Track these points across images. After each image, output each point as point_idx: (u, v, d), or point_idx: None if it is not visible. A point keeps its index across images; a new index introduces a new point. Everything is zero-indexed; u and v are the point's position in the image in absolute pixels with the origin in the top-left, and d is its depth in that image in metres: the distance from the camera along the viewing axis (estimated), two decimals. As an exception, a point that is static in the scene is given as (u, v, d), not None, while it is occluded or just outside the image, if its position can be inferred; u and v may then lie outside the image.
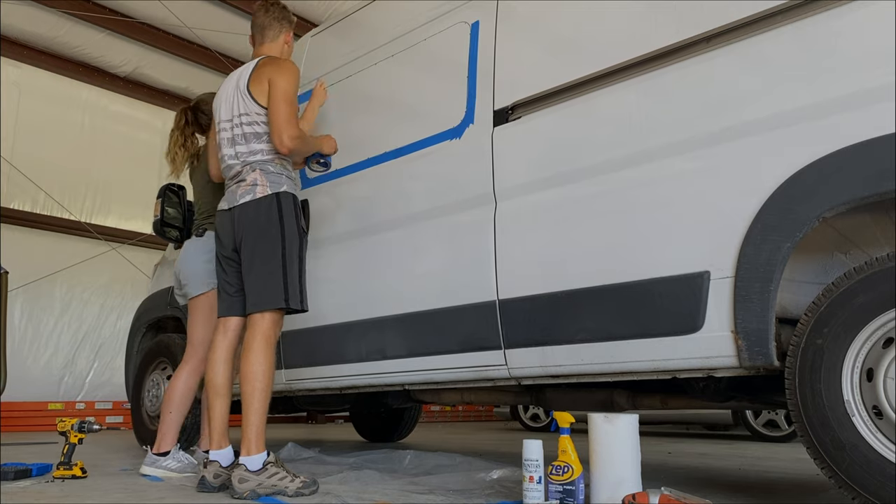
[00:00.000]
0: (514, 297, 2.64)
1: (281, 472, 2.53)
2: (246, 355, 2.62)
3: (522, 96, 2.74)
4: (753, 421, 6.15)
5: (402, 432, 5.66)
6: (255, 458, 2.53)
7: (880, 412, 1.79)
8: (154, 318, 4.78)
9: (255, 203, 2.70)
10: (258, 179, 2.73)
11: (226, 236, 2.80)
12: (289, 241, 2.70)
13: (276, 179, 2.75)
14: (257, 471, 2.50)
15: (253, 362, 2.60)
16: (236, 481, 2.48)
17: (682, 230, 2.21)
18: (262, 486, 2.48)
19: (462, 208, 2.87)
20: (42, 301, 7.74)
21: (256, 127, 2.78)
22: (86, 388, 8.01)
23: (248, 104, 2.79)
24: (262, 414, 2.60)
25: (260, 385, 2.59)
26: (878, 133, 1.83)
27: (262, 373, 2.60)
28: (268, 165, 2.76)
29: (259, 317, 2.66)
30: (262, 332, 2.65)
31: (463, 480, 2.86)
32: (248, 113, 2.79)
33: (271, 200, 2.70)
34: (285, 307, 2.67)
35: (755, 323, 2.01)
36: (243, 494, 2.46)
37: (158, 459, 3.18)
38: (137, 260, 8.01)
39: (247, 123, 2.79)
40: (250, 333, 2.66)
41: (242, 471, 2.50)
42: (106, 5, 7.25)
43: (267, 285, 2.65)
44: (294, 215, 2.74)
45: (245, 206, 2.71)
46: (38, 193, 7.76)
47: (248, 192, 2.73)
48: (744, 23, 2.15)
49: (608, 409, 2.83)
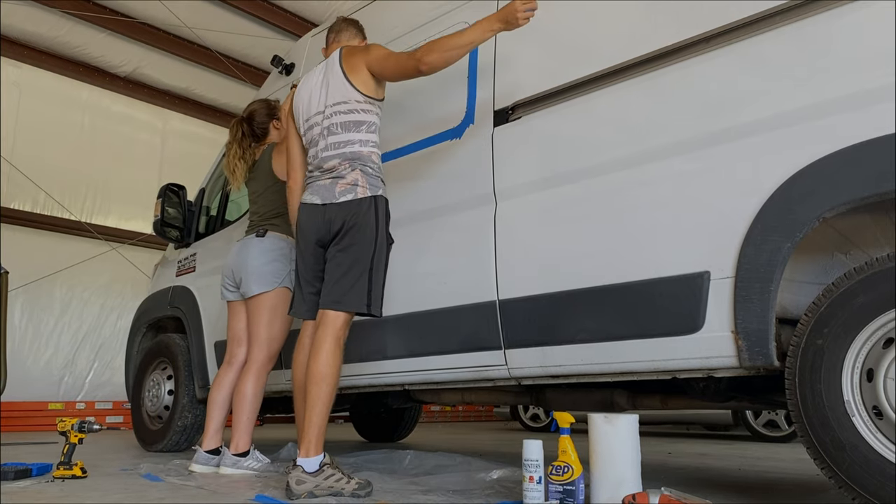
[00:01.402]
0: (514, 297, 2.64)
1: (337, 474, 2.50)
2: (317, 355, 2.55)
3: (522, 96, 2.74)
4: (753, 421, 6.15)
5: (402, 432, 5.66)
6: (313, 460, 2.50)
7: (880, 412, 1.79)
8: (154, 318, 4.79)
9: (357, 203, 2.64)
10: (359, 180, 2.66)
11: (313, 230, 2.71)
12: (379, 246, 2.65)
13: (374, 182, 2.69)
14: (314, 472, 2.48)
15: (324, 363, 2.54)
16: (294, 483, 2.44)
17: (682, 230, 2.21)
18: (320, 488, 2.46)
19: (462, 208, 2.87)
20: (42, 301, 7.74)
21: (356, 115, 2.71)
22: (86, 387, 8.01)
23: (348, 91, 2.70)
24: (325, 416, 2.54)
25: (328, 388, 2.53)
26: (877, 133, 1.83)
27: (331, 374, 2.54)
28: (367, 166, 2.69)
29: (335, 316, 2.60)
30: (336, 332, 2.59)
31: (463, 480, 2.86)
32: (346, 101, 2.71)
33: (371, 203, 2.65)
34: (366, 312, 2.62)
35: (755, 323, 2.01)
36: (301, 496, 2.43)
37: (239, 460, 3.24)
38: (137, 260, 8.01)
39: (344, 112, 2.71)
40: (323, 332, 2.59)
41: (300, 472, 2.46)
42: (106, 5, 7.25)
43: (353, 287, 2.60)
44: (386, 221, 2.71)
45: (344, 204, 2.64)
46: (38, 193, 7.76)
47: (348, 191, 2.65)
48: (743, 23, 2.15)
49: (608, 409, 2.83)
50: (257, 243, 3.40)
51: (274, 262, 3.33)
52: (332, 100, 2.74)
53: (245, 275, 3.36)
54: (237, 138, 3.58)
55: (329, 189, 2.69)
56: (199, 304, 4.26)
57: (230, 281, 3.48)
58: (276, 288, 3.31)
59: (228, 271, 3.48)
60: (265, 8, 7.39)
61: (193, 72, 8.45)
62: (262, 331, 3.32)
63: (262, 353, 3.32)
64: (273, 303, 3.30)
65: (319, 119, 2.77)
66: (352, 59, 2.74)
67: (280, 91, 4.19)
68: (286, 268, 3.35)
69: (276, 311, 3.31)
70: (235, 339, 3.49)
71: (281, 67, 4.24)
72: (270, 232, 3.40)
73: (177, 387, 4.36)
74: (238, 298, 3.47)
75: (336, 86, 2.74)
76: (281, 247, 3.38)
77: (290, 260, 3.35)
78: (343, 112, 2.72)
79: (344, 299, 2.60)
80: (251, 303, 3.37)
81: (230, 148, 3.58)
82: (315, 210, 2.71)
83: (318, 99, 2.79)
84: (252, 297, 3.35)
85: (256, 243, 3.40)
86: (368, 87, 2.72)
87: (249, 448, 3.30)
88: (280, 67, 4.25)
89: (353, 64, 2.72)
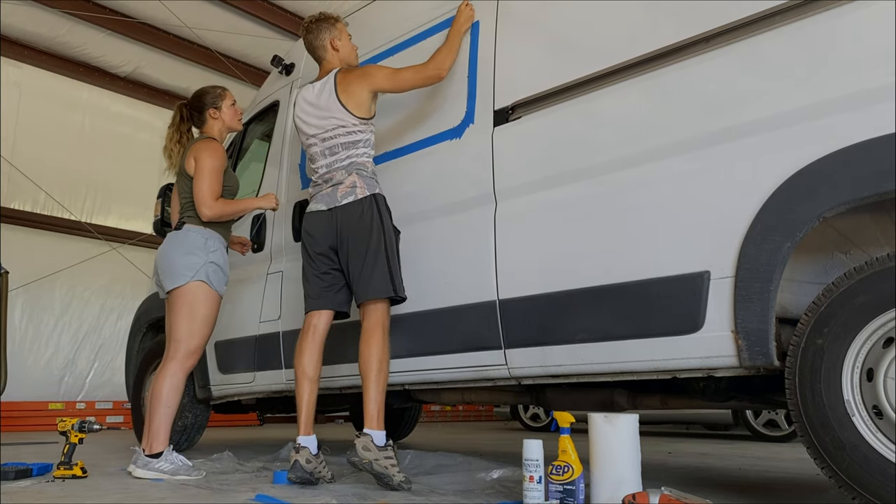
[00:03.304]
0: (514, 296, 2.64)
1: (394, 459, 2.68)
2: (368, 343, 2.80)
3: (522, 96, 2.74)
4: (753, 421, 6.15)
5: (402, 432, 5.66)
6: (380, 434, 2.71)
7: (880, 412, 1.79)
8: (154, 318, 4.78)
9: (358, 203, 2.89)
10: (356, 182, 2.91)
11: (323, 235, 2.95)
12: (388, 236, 2.89)
13: (370, 182, 2.94)
14: (381, 447, 2.66)
15: (374, 349, 2.78)
16: (360, 447, 2.64)
17: (682, 230, 2.20)
18: (379, 463, 2.63)
19: (462, 208, 2.87)
20: (42, 301, 7.74)
21: (353, 136, 2.97)
22: (86, 387, 8.02)
23: (345, 116, 2.96)
24: (383, 393, 2.78)
25: (381, 368, 2.78)
26: (877, 133, 1.83)
27: (383, 358, 2.79)
28: (362, 169, 2.95)
29: (374, 306, 2.85)
30: (381, 320, 2.84)
31: (463, 480, 2.86)
32: (344, 125, 2.96)
33: (371, 201, 2.90)
34: (395, 295, 2.85)
35: (755, 323, 2.01)
36: (363, 461, 2.63)
37: (151, 461, 3.07)
38: (138, 260, 8.01)
39: (343, 134, 2.97)
40: (371, 322, 2.83)
41: (369, 440, 2.66)
42: (106, 5, 7.25)
43: (378, 276, 2.84)
44: (388, 214, 2.94)
45: (348, 206, 2.89)
46: (38, 193, 7.76)
47: (348, 194, 2.90)
48: (743, 23, 2.15)
49: (608, 409, 2.83)
50: (172, 237, 3.30)
51: (188, 255, 3.18)
52: (331, 123, 2.99)
53: (161, 270, 3.26)
54: (175, 122, 3.49)
55: (331, 195, 2.94)
56: (199, 304, 4.26)
57: (156, 278, 3.39)
58: (189, 282, 3.16)
59: (155, 267, 3.42)
60: (265, 8, 7.39)
61: (193, 72, 8.44)
62: (179, 327, 3.18)
63: (178, 351, 3.17)
64: (189, 297, 3.16)
65: (318, 140, 3.02)
66: (348, 87, 2.96)
67: (280, 91, 4.19)
68: (201, 260, 3.20)
69: (192, 306, 3.17)
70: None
71: (281, 67, 4.24)
72: (187, 224, 3.27)
73: (177, 387, 4.35)
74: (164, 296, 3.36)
75: (333, 110, 2.98)
76: (195, 238, 3.24)
77: (208, 252, 3.23)
78: (342, 135, 2.98)
79: (373, 290, 2.84)
80: (168, 299, 3.25)
81: (168, 131, 3.49)
82: (321, 216, 2.96)
83: (317, 121, 3.02)
84: (168, 293, 3.23)
85: (171, 237, 3.30)
86: (363, 110, 2.97)
87: (164, 449, 3.11)
88: (280, 67, 4.25)
89: (350, 90, 2.96)
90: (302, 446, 2.81)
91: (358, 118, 2.96)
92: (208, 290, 3.22)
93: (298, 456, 2.78)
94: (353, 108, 2.95)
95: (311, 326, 2.97)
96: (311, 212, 3.02)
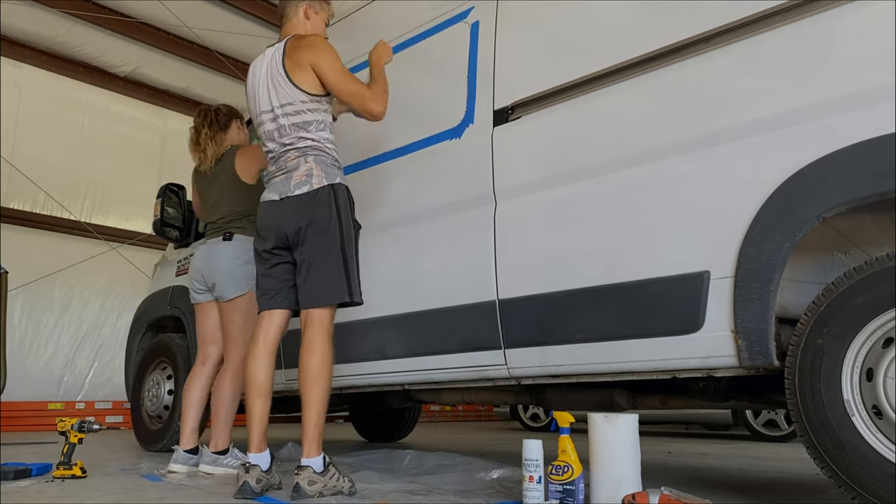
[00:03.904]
0: (514, 296, 2.64)
1: (337, 473, 2.53)
2: (310, 352, 2.53)
3: (522, 96, 2.74)
4: (753, 421, 6.15)
5: (401, 432, 5.66)
6: (318, 460, 2.49)
7: (880, 412, 1.79)
8: (154, 317, 4.79)
9: (312, 194, 2.58)
10: (313, 170, 2.60)
11: (272, 228, 2.66)
12: (346, 233, 2.61)
13: (329, 171, 2.63)
14: (322, 472, 2.47)
15: (317, 359, 2.52)
16: (305, 483, 2.41)
17: (682, 230, 2.20)
18: (327, 488, 2.46)
19: (462, 208, 2.87)
20: (42, 301, 7.74)
21: (304, 115, 2.64)
22: (86, 387, 8.01)
23: (292, 93, 2.63)
24: (324, 414, 2.53)
25: (324, 384, 2.51)
26: (877, 133, 1.83)
27: (327, 372, 2.53)
28: (321, 155, 2.65)
29: (319, 313, 2.57)
30: (324, 328, 2.57)
31: (463, 480, 2.86)
32: (292, 102, 2.64)
33: (328, 192, 2.59)
34: (349, 301, 2.60)
35: (755, 323, 2.01)
36: (314, 496, 2.41)
37: (219, 458, 3.28)
38: (137, 260, 8.00)
39: (291, 114, 2.64)
40: (312, 332, 2.56)
41: (310, 473, 2.44)
42: (106, 5, 7.25)
43: (329, 279, 2.57)
44: (349, 207, 2.66)
45: (300, 197, 2.59)
46: (38, 193, 7.75)
47: (303, 183, 2.59)
48: (743, 23, 2.15)
49: (608, 409, 2.83)
50: (226, 247, 3.41)
51: (246, 265, 3.33)
52: (278, 101, 2.67)
53: (218, 279, 3.39)
54: (207, 121, 3.58)
55: (285, 184, 2.64)
56: (198, 304, 4.25)
57: (200, 284, 3.50)
58: (250, 291, 3.29)
59: (198, 275, 3.50)
60: (265, 8, 7.39)
61: (193, 71, 8.44)
62: (238, 332, 3.34)
63: (239, 355, 3.31)
64: (247, 305, 3.30)
65: (268, 118, 2.71)
66: (295, 56, 2.64)
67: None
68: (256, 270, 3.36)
69: (250, 312, 3.28)
70: (209, 339, 3.53)
71: (281, 67, 4.24)
72: (237, 235, 3.42)
73: (176, 387, 4.35)
74: (209, 300, 3.51)
75: (280, 85, 2.66)
76: (248, 249, 3.35)
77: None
78: (290, 114, 2.65)
79: (323, 294, 2.58)
80: (226, 306, 3.39)
81: (199, 131, 3.56)
82: (272, 206, 2.66)
83: (265, 96, 2.71)
84: (227, 301, 3.38)
85: (225, 247, 3.41)
86: (313, 86, 2.64)
87: (229, 446, 3.33)
88: (280, 67, 4.24)
89: (297, 61, 2.63)
90: (252, 464, 2.54)
91: (308, 94, 2.63)
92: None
93: (248, 476, 2.50)
94: (302, 82, 2.63)
95: (261, 330, 2.69)
96: (263, 201, 2.72)
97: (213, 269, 3.41)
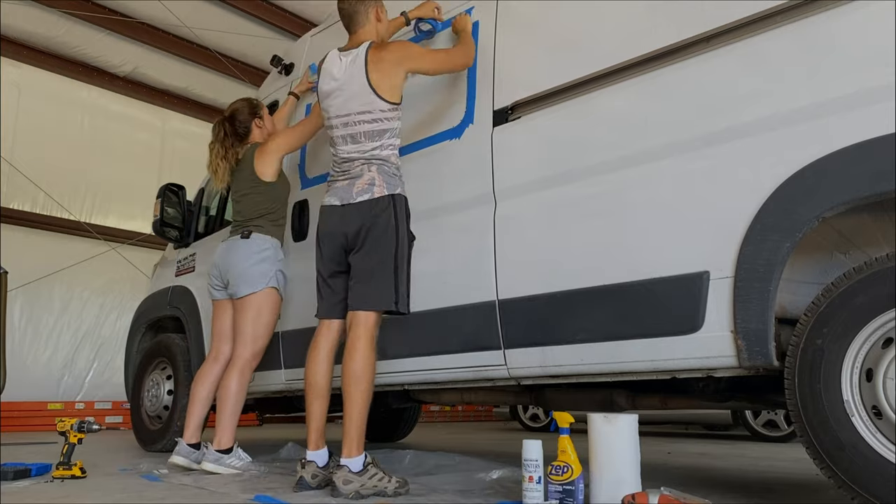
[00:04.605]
0: (513, 297, 2.64)
1: (380, 473, 2.53)
2: (352, 355, 2.58)
3: (522, 96, 2.74)
4: (753, 421, 6.15)
5: (401, 432, 5.66)
6: (357, 460, 2.51)
7: (880, 412, 1.79)
8: (154, 317, 4.79)
9: (374, 203, 2.65)
10: (375, 179, 2.67)
11: (334, 233, 2.73)
12: (401, 243, 2.67)
13: (391, 181, 2.69)
14: (360, 472, 2.49)
15: (360, 363, 2.57)
16: (340, 483, 2.44)
17: (682, 230, 2.20)
18: (365, 488, 2.47)
19: (462, 208, 2.87)
20: (42, 301, 7.74)
21: (381, 124, 2.70)
22: (85, 387, 8.02)
23: (374, 102, 2.69)
24: (366, 414, 2.58)
25: (365, 385, 2.56)
26: (877, 133, 1.83)
27: (369, 373, 2.58)
28: (384, 165, 2.71)
29: (365, 316, 2.63)
30: (369, 332, 2.62)
31: (463, 480, 2.86)
32: (370, 111, 2.69)
33: (388, 202, 2.66)
34: (395, 310, 2.65)
35: (755, 323, 2.01)
36: (348, 496, 2.44)
37: (222, 457, 3.26)
38: (137, 260, 8.01)
39: (368, 122, 2.70)
40: (356, 333, 2.61)
41: (346, 472, 2.47)
42: (106, 5, 7.26)
43: (379, 286, 2.63)
44: (406, 219, 2.72)
45: (361, 204, 2.65)
46: (37, 193, 7.76)
47: (364, 191, 2.66)
48: (744, 23, 2.15)
49: (608, 409, 2.83)
50: (243, 245, 3.43)
51: (262, 264, 3.37)
52: (356, 108, 2.71)
53: (233, 277, 3.41)
54: (219, 138, 3.61)
55: (347, 190, 2.70)
56: (198, 304, 4.26)
57: (217, 281, 3.54)
58: (264, 289, 3.36)
59: (216, 271, 3.53)
60: (265, 8, 7.40)
61: (193, 72, 8.45)
62: (248, 328, 3.37)
63: (247, 351, 3.36)
64: (260, 302, 3.36)
65: (341, 123, 2.75)
66: (380, 64, 2.69)
67: (280, 91, 4.19)
68: (272, 268, 3.41)
69: (262, 310, 3.37)
70: (222, 336, 3.55)
71: (280, 67, 4.25)
72: (255, 233, 3.44)
73: (176, 387, 4.35)
74: (225, 297, 3.54)
75: (360, 93, 2.70)
76: (266, 248, 3.43)
77: (276, 260, 3.43)
78: (367, 122, 2.70)
79: (372, 299, 2.64)
80: (238, 302, 3.42)
81: (213, 148, 3.62)
82: (334, 211, 2.74)
83: (342, 101, 2.75)
84: (239, 298, 3.40)
85: (242, 245, 3.44)
86: (394, 95, 2.72)
87: (233, 445, 3.32)
88: (279, 67, 4.25)
89: (384, 70, 2.68)
90: (308, 461, 2.65)
91: (388, 103, 2.70)
92: (276, 296, 3.43)
93: (304, 472, 2.62)
94: (385, 91, 2.68)
95: (322, 335, 2.77)
96: (325, 206, 2.79)
97: (229, 266, 3.44)
